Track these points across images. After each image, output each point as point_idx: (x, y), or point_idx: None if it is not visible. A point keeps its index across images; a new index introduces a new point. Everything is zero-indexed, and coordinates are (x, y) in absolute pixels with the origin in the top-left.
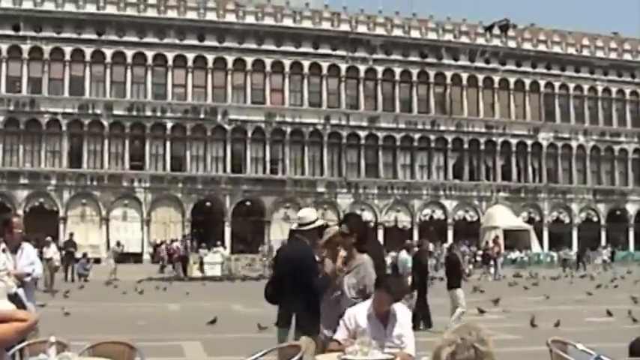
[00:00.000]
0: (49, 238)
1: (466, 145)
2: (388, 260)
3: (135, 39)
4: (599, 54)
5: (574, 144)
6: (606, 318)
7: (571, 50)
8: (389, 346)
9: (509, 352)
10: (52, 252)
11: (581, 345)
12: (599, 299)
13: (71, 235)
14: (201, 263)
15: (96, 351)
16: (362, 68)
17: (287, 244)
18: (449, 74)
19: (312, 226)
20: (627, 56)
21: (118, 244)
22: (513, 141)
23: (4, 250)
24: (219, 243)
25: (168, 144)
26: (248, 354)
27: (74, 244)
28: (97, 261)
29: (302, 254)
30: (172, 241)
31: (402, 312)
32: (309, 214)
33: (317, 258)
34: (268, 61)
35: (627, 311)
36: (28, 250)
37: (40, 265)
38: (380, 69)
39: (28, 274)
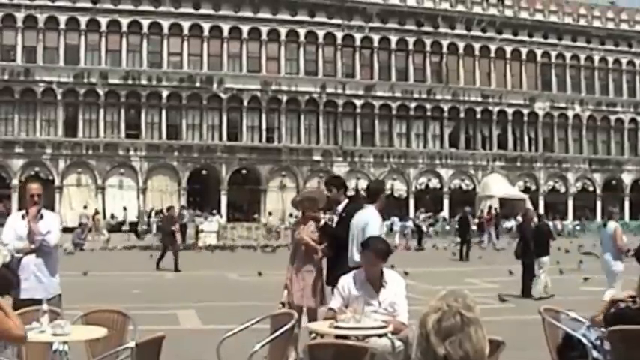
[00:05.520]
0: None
1: (462, 114)
2: (384, 228)
3: (130, 7)
4: (596, 24)
5: (570, 113)
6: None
7: (568, 20)
8: (382, 313)
9: (502, 320)
10: None
11: (574, 313)
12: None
13: (168, 210)
14: (197, 232)
15: (89, 319)
16: (358, 37)
17: None
18: (445, 43)
19: None
20: (624, 26)
21: (112, 216)
22: (509, 110)
23: (23, 217)
24: (214, 212)
25: (163, 113)
26: (242, 322)
27: (173, 221)
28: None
29: None
30: (167, 209)
31: (396, 280)
32: None
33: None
34: (264, 30)
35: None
36: (48, 218)
37: (56, 236)
38: (376, 37)
39: (42, 235)
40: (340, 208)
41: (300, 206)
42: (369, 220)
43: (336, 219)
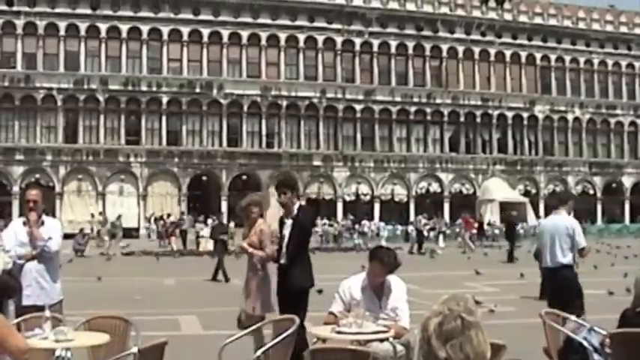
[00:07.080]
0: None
1: (462, 118)
2: (386, 233)
3: (130, 13)
4: (596, 26)
5: (570, 117)
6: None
7: (567, 23)
8: (383, 318)
9: (503, 324)
10: None
11: (574, 316)
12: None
13: (218, 217)
14: (197, 237)
15: (91, 325)
16: (357, 41)
17: None
18: (445, 47)
19: None
20: (623, 29)
21: (113, 225)
22: (509, 114)
23: (24, 223)
24: (214, 218)
25: (164, 118)
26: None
27: (225, 229)
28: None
29: None
30: (168, 215)
31: (398, 284)
32: None
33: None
34: (264, 35)
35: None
36: (49, 224)
37: (57, 243)
38: (376, 42)
39: (43, 241)
40: (294, 210)
41: (245, 212)
42: (574, 226)
43: (289, 222)
